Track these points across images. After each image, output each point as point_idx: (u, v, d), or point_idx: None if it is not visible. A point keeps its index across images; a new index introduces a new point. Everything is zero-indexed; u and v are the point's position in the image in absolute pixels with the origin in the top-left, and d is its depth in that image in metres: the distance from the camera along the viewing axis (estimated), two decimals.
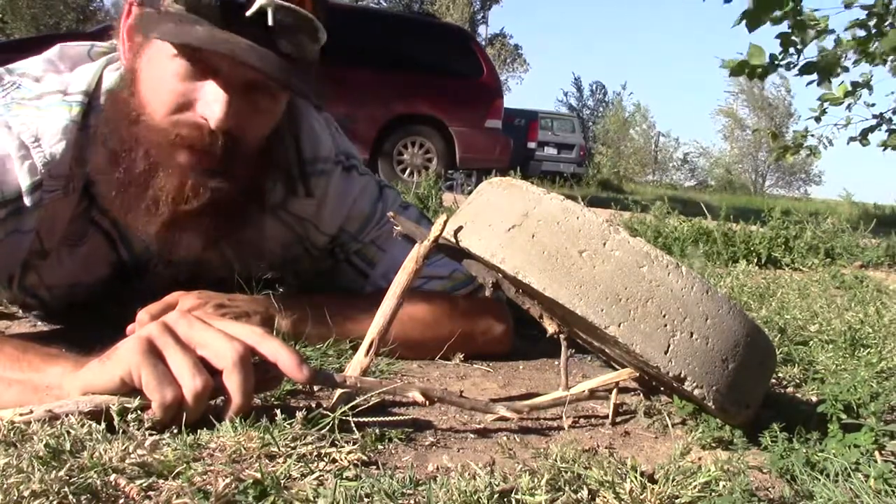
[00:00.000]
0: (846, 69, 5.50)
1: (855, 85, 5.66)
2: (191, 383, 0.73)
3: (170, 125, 0.94)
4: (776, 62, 5.48)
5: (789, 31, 5.29)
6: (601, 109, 33.46)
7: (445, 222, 0.90)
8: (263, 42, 0.90)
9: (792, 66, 5.53)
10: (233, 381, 0.75)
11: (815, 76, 5.51)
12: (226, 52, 0.88)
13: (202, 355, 0.75)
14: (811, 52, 5.44)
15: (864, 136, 6.08)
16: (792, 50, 5.41)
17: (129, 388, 0.73)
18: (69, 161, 0.99)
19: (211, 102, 0.92)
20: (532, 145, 15.16)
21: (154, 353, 0.73)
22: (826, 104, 5.76)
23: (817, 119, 5.95)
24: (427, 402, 0.84)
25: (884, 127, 6.02)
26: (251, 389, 0.76)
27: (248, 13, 0.88)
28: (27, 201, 0.96)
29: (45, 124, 0.98)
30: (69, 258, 1.11)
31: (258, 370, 0.77)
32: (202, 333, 0.76)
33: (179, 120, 0.94)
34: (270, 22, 0.89)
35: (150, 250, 1.14)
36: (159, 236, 0.99)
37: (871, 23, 5.14)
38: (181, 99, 0.93)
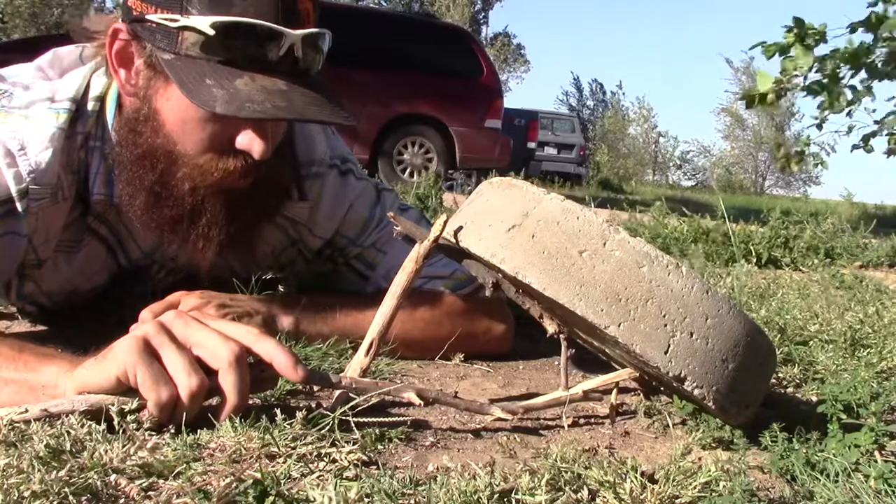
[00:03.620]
0: (851, 87, 5.53)
1: (857, 93, 5.65)
2: (186, 382, 0.73)
3: (211, 162, 0.94)
4: (782, 86, 5.52)
5: (792, 55, 5.33)
6: (601, 109, 33.45)
7: (445, 222, 0.90)
8: (294, 72, 0.91)
9: (798, 87, 5.58)
10: (228, 381, 0.75)
11: (822, 96, 5.55)
12: (295, 117, 0.92)
13: (198, 355, 0.75)
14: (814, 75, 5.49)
15: (866, 143, 6.07)
16: (796, 71, 5.45)
17: (124, 388, 0.73)
18: (56, 169, 0.99)
19: (252, 139, 0.93)
20: (532, 145, 15.15)
21: (150, 352, 0.73)
22: (827, 112, 5.76)
23: (819, 126, 5.95)
24: (422, 403, 0.84)
25: (885, 132, 6.00)
26: (247, 389, 0.76)
27: (281, 54, 0.89)
28: (18, 207, 0.96)
29: (31, 132, 0.98)
30: (66, 265, 1.11)
31: (254, 370, 0.78)
32: (198, 333, 0.76)
33: (221, 158, 0.94)
34: (299, 54, 0.91)
35: (150, 256, 1.14)
36: (214, 259, 1.01)
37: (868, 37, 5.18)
38: (220, 138, 0.94)
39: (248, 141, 0.93)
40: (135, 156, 0.97)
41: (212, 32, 0.88)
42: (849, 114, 5.77)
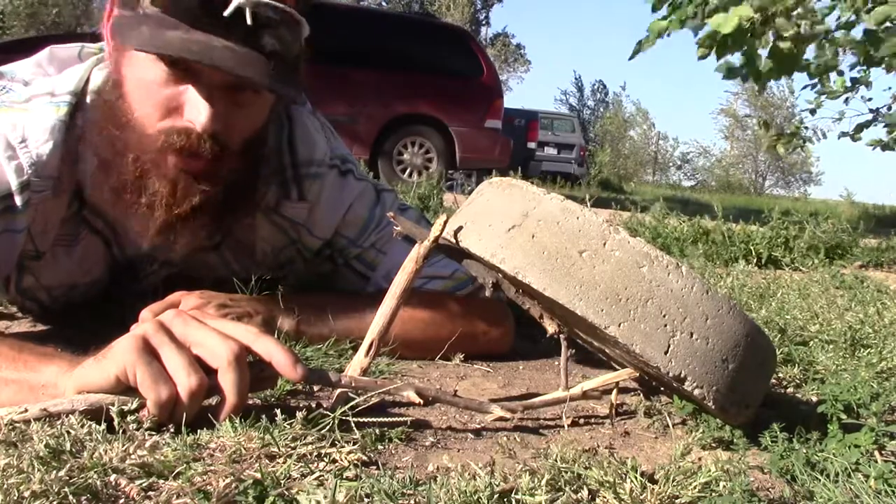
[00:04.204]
0: (841, 73, 5.47)
1: (854, 81, 5.62)
2: (185, 381, 0.73)
3: (158, 131, 0.94)
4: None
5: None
6: (601, 109, 33.43)
7: (445, 222, 0.90)
8: (244, 40, 0.89)
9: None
10: (227, 381, 0.75)
11: (812, 77, 5.48)
12: (202, 60, 0.87)
13: (197, 354, 0.75)
14: (809, 53, 5.41)
15: (857, 132, 6.03)
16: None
17: (123, 387, 0.73)
18: (57, 161, 0.99)
19: (196, 107, 0.92)
20: (532, 145, 15.17)
21: (149, 351, 0.73)
22: (823, 97, 5.73)
23: (812, 112, 5.91)
24: (421, 402, 0.84)
25: (881, 122, 5.97)
26: (246, 389, 0.76)
27: (226, 13, 0.87)
28: (17, 201, 0.96)
29: (32, 125, 0.98)
30: (65, 259, 1.11)
31: (253, 369, 0.78)
32: (197, 332, 0.76)
33: (167, 126, 0.94)
34: (249, 21, 0.88)
35: (142, 250, 1.14)
36: (156, 240, 1.00)
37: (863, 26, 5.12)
38: (167, 104, 0.93)
39: (192, 108, 0.92)
40: (98, 125, 0.98)
41: None
42: (846, 101, 5.74)
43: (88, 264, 1.14)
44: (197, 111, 0.92)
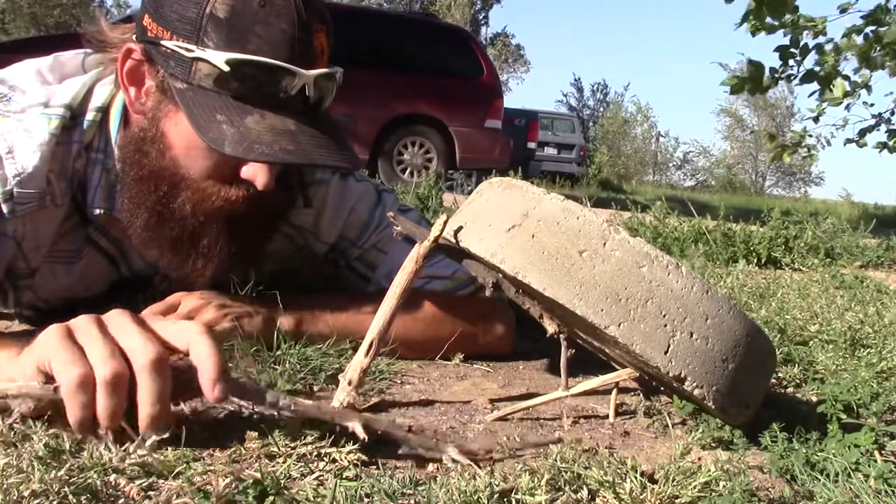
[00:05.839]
0: (847, 77, 5.52)
1: (854, 85, 5.64)
2: (101, 369, 0.66)
3: (214, 188, 0.95)
4: (776, 76, 5.52)
5: (788, 44, 5.34)
6: (602, 110, 33.40)
7: (445, 222, 0.90)
8: (307, 111, 0.93)
9: (793, 77, 5.57)
10: (140, 386, 0.68)
11: (816, 85, 5.54)
12: (304, 163, 0.93)
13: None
14: (811, 62, 5.49)
15: (861, 137, 6.06)
16: (792, 62, 5.45)
17: (45, 377, 0.68)
18: (45, 174, 0.98)
19: (257, 171, 0.94)
20: (532, 145, 15.14)
21: (71, 339, 0.69)
22: (825, 104, 5.76)
23: (815, 119, 5.94)
24: (366, 438, 0.72)
25: (883, 127, 6.00)
26: (162, 397, 0.69)
27: (293, 93, 0.91)
28: (3, 208, 0.96)
29: (21, 136, 0.97)
30: (64, 275, 1.10)
31: (181, 376, 0.70)
32: (124, 332, 0.71)
33: (224, 185, 0.95)
34: (309, 93, 0.92)
35: (151, 267, 1.14)
36: (212, 278, 1.02)
37: (869, 28, 5.15)
38: (225, 167, 0.94)
39: (253, 172, 0.94)
40: (139, 175, 0.98)
41: (226, 69, 0.88)
42: (847, 107, 5.77)
43: (90, 281, 1.13)
44: (256, 174, 0.94)
